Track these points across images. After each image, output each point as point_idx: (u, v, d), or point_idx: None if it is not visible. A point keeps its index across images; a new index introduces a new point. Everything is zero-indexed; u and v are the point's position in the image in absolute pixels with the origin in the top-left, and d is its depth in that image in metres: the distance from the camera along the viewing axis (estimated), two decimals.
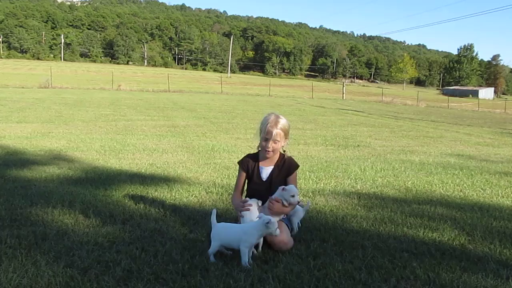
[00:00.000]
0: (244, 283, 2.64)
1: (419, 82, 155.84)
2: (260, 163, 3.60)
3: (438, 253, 3.29)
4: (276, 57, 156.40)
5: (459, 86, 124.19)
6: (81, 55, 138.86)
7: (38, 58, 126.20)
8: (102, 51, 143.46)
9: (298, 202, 3.35)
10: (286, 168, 3.57)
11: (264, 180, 3.56)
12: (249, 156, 3.68)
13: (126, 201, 4.44)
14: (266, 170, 3.58)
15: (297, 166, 3.61)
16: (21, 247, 3.09)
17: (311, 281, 2.71)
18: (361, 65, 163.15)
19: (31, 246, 3.12)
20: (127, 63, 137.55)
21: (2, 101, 18.63)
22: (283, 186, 3.33)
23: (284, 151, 3.63)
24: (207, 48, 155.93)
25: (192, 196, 4.79)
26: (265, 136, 3.44)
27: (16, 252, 2.98)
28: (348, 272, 2.86)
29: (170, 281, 2.65)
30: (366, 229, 3.83)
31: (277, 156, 3.57)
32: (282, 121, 3.48)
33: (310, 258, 3.08)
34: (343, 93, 46.23)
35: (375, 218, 4.20)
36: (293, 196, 3.26)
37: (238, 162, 3.69)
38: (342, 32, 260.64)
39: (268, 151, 3.47)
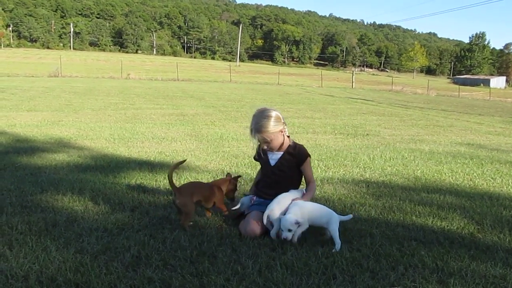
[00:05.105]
0: (252, 270, 2.65)
1: (429, 71, 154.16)
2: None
3: (446, 242, 3.27)
4: (285, 46, 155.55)
5: (470, 75, 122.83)
6: (90, 44, 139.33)
7: (47, 47, 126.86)
8: (111, 40, 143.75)
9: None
10: (298, 155, 3.60)
11: (272, 165, 3.63)
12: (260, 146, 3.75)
13: (135, 188, 4.47)
14: (274, 156, 3.64)
15: (307, 156, 3.61)
16: (32, 233, 3.13)
17: (319, 268, 2.71)
18: (371, 54, 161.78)
19: (41, 232, 3.16)
20: (136, 52, 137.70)
21: (12, 90, 18.77)
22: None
23: (288, 136, 3.65)
24: (216, 37, 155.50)
25: None
26: (255, 140, 3.55)
27: (26, 238, 3.02)
28: (356, 259, 2.86)
29: (178, 267, 2.67)
30: (374, 218, 3.82)
31: (282, 142, 3.59)
32: (263, 123, 3.44)
33: (318, 246, 3.08)
34: (352, 82, 45.87)
35: (384, 206, 4.18)
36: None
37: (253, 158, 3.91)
38: (352, 20, 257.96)
39: (266, 149, 3.59)
